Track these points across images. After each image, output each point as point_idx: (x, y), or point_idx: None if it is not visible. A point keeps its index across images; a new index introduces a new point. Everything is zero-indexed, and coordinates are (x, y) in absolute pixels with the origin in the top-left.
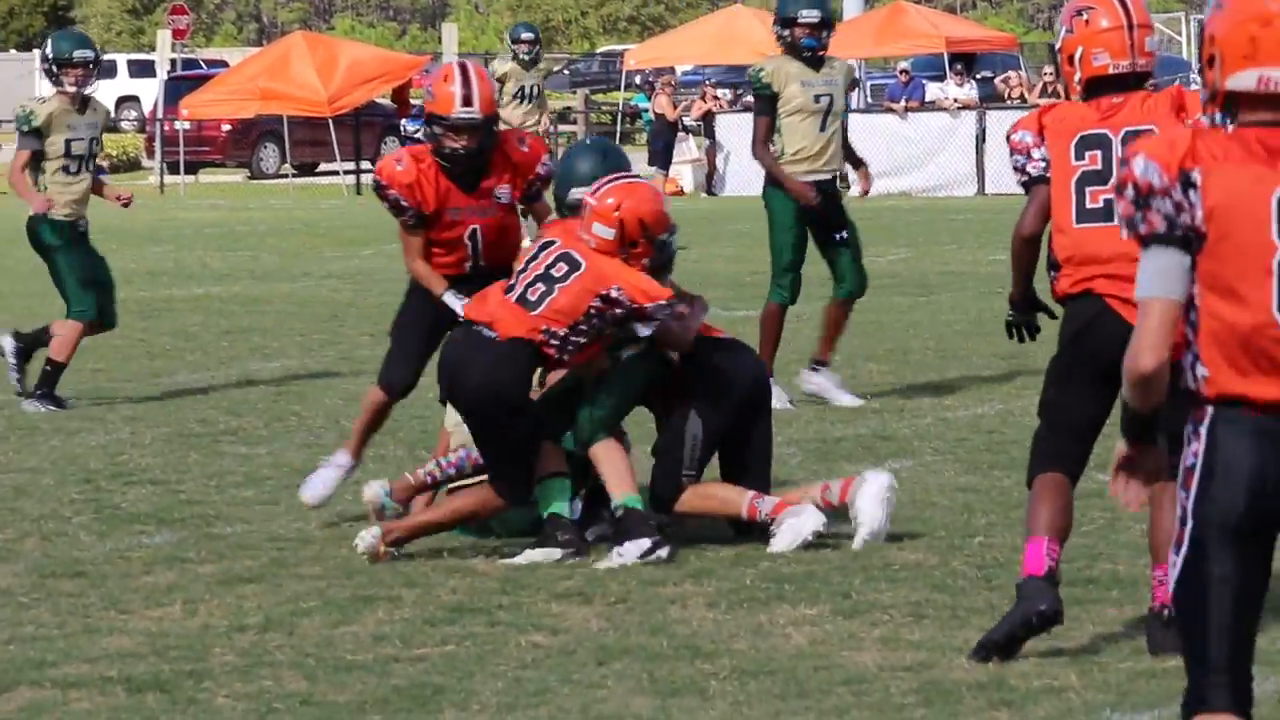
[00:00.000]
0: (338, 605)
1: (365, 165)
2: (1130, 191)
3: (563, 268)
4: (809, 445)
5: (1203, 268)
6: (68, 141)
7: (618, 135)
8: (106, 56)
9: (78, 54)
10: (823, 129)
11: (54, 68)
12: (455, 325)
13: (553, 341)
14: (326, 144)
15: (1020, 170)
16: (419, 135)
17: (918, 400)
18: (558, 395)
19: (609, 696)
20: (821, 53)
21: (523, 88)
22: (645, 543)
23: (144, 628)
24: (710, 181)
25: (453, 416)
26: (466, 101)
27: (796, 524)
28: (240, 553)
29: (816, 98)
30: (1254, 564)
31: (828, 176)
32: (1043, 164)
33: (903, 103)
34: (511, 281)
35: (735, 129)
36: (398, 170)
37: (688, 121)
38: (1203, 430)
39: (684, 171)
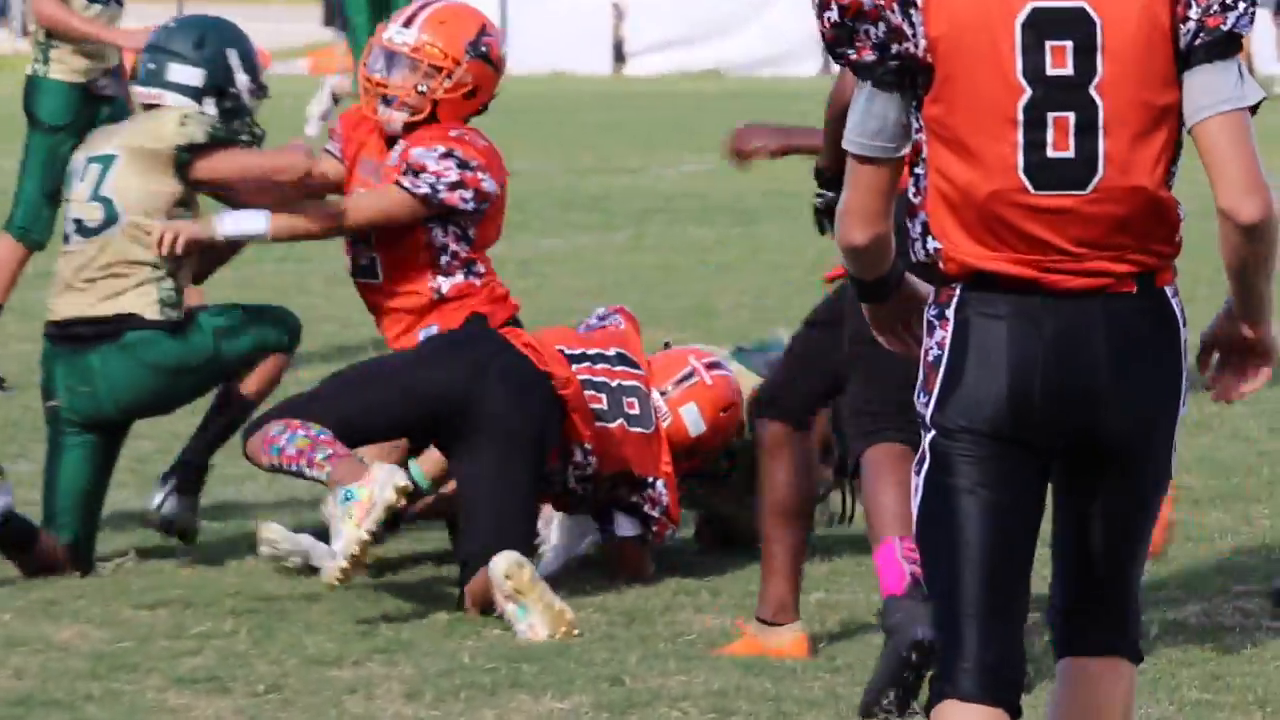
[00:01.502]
0: None
1: None
2: (833, 13)
3: (634, 406)
4: None
5: (928, 113)
6: None
7: None
8: None
9: None
10: None
11: None
12: None
13: (573, 462)
14: None
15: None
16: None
17: None
18: None
19: None
20: None
21: None
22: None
23: None
24: None
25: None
26: None
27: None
28: None
29: None
30: (1018, 484)
31: None
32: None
33: None
34: (574, 350)
35: None
36: None
37: None
38: (950, 315)
39: None
